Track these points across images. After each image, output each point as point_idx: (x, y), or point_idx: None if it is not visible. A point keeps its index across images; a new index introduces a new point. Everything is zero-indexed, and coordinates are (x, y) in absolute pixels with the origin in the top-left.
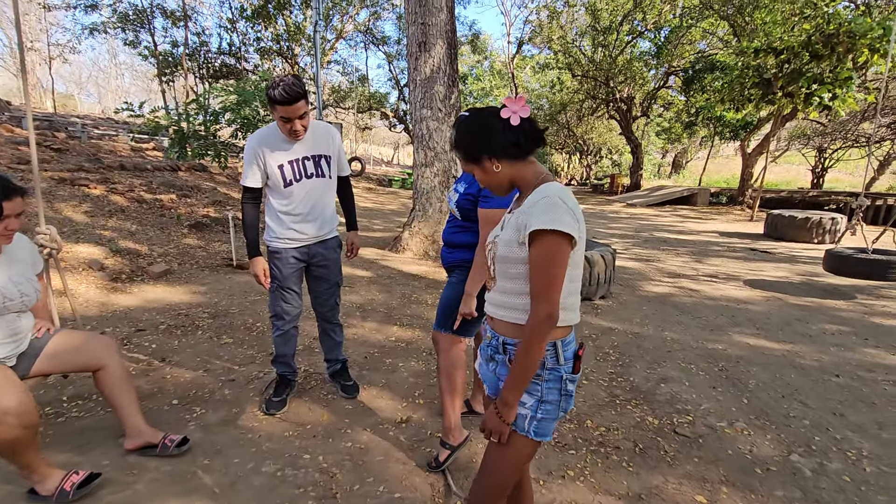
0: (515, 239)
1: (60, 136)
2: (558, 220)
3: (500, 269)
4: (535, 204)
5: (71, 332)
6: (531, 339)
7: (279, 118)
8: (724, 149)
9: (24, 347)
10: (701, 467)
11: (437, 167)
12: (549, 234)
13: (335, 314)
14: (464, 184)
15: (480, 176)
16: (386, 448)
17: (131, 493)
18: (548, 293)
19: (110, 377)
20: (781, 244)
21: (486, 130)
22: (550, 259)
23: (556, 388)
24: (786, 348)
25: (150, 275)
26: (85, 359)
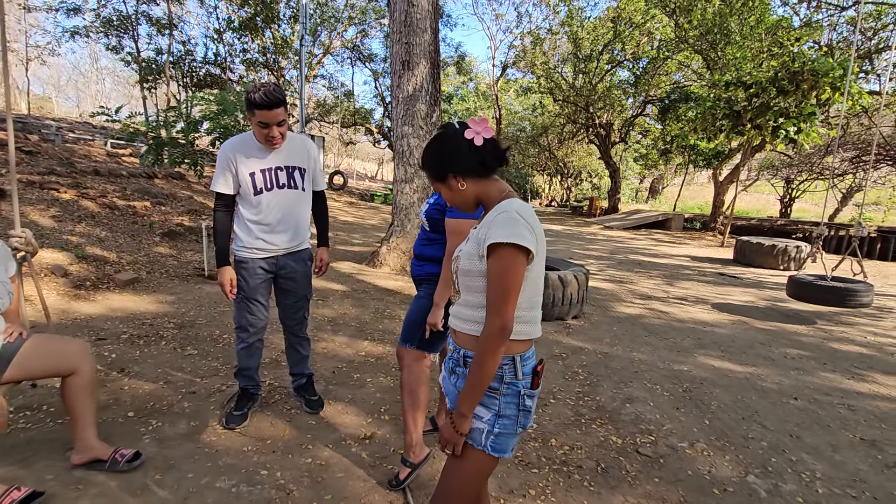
0: (476, 252)
1: (33, 138)
2: (516, 234)
3: (462, 282)
4: (495, 219)
5: (44, 336)
6: (484, 350)
7: (257, 123)
8: (699, 176)
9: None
10: (661, 487)
11: (416, 183)
12: (506, 248)
13: (303, 328)
14: (434, 195)
15: (447, 194)
16: (347, 465)
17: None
18: (501, 305)
19: (80, 382)
20: (749, 270)
21: (453, 150)
22: (505, 271)
23: (513, 403)
24: (748, 371)
25: (117, 283)
26: (58, 363)
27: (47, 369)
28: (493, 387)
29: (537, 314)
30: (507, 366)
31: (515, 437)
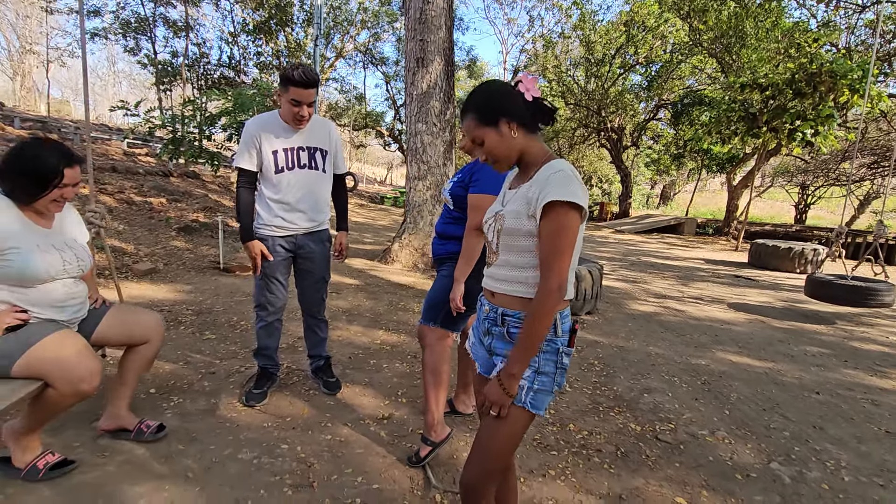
0: (525, 212)
1: (53, 136)
2: (574, 193)
3: (505, 243)
4: (550, 177)
5: (125, 305)
6: (541, 310)
7: (290, 100)
8: (711, 183)
9: (83, 314)
10: (682, 472)
11: (429, 181)
12: (564, 207)
13: (321, 309)
14: (459, 173)
15: (494, 141)
16: (366, 442)
17: (101, 474)
18: (558, 264)
19: (147, 352)
20: (765, 273)
21: (508, 94)
22: (563, 230)
23: (552, 361)
24: (767, 366)
25: (135, 272)
26: (140, 331)
27: (128, 337)
28: None
29: (573, 276)
30: None
31: (551, 394)
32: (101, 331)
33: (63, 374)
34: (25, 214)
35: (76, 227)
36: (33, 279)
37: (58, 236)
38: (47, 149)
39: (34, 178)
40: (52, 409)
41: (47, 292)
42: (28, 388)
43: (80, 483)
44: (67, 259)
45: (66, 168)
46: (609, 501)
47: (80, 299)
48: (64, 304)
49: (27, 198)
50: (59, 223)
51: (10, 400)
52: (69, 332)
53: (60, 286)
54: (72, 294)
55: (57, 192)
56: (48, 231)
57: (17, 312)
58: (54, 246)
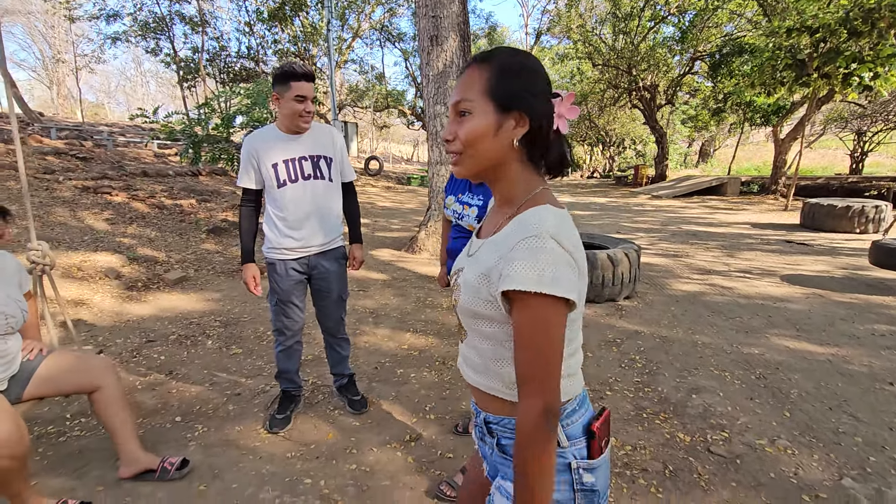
0: (483, 289)
1: (87, 144)
2: (551, 279)
3: (466, 322)
4: (518, 245)
5: (64, 352)
6: (528, 451)
7: (293, 97)
8: (755, 135)
9: (14, 370)
10: (740, 493)
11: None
12: (538, 299)
13: (341, 329)
14: (478, 196)
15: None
16: (392, 471)
17: None
18: (542, 379)
19: (105, 399)
20: (820, 235)
21: (546, 92)
22: (543, 332)
23: (564, 482)
24: (830, 352)
25: (166, 282)
26: (79, 380)
27: (68, 386)
28: None
29: (577, 360)
30: None
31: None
32: (36, 384)
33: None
34: None
35: (10, 279)
36: None
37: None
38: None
39: None
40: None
41: None
42: None
43: None
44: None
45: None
46: None
47: (10, 357)
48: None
49: None
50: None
51: None
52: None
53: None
54: (1, 353)
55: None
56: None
57: None
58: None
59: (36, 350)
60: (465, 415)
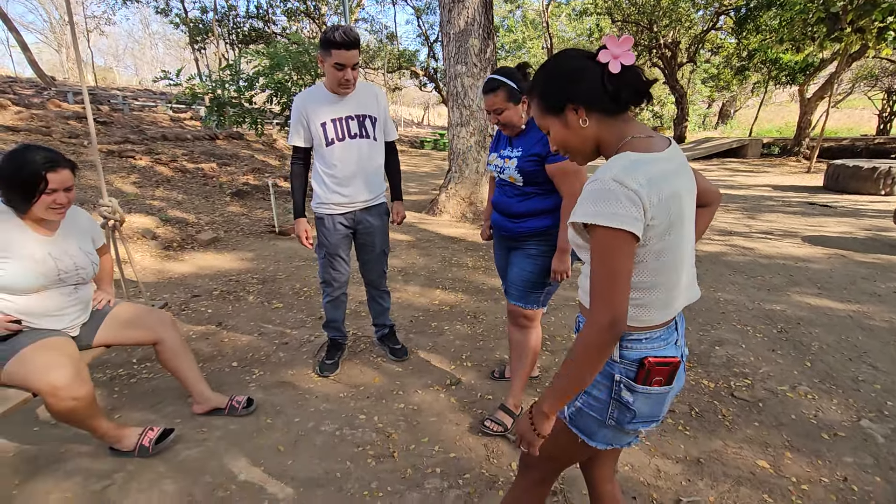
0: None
1: (104, 109)
2: (604, 213)
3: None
4: (586, 188)
5: (130, 305)
6: (584, 347)
7: (332, 65)
8: (778, 95)
9: (85, 318)
10: (762, 431)
11: (472, 126)
12: (600, 229)
13: (383, 281)
14: (517, 148)
15: (560, 132)
16: (438, 409)
17: (204, 449)
18: (607, 294)
19: (167, 351)
20: (844, 197)
21: (579, 73)
22: (606, 256)
23: (604, 386)
24: (852, 308)
25: (200, 243)
26: (141, 333)
27: (131, 338)
28: None
29: (660, 297)
30: None
31: (605, 428)
32: (103, 333)
33: (35, 382)
34: (25, 223)
35: (83, 232)
36: (23, 289)
37: (59, 244)
38: (31, 155)
39: (20, 185)
40: (65, 418)
41: (41, 301)
42: (18, 398)
43: (187, 459)
44: (64, 268)
45: (50, 173)
46: (687, 466)
47: (80, 306)
48: (61, 313)
49: (22, 206)
50: (65, 230)
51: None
52: (56, 340)
53: (57, 295)
54: (68, 302)
55: (48, 199)
56: (48, 239)
57: (9, 322)
58: (51, 255)
59: (104, 301)
60: (500, 363)
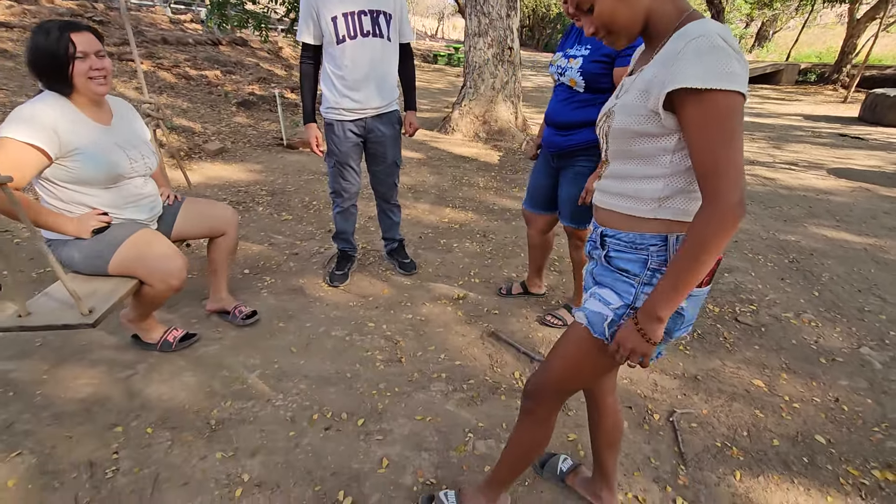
0: (642, 105)
1: (99, 6)
2: (726, 73)
3: (616, 148)
4: (684, 49)
5: (198, 199)
6: (707, 232)
7: None
8: (823, 16)
9: (159, 211)
10: (761, 354)
11: (491, 37)
12: (712, 93)
13: (393, 194)
14: (586, 46)
15: (609, 4)
16: (445, 321)
17: (220, 348)
18: (733, 168)
19: (225, 244)
20: (879, 129)
21: None
22: (725, 123)
23: None
24: (868, 242)
25: (207, 153)
26: (213, 225)
27: (204, 231)
28: (631, 271)
29: None
30: (656, 247)
31: None
32: (178, 226)
33: (152, 272)
34: (81, 110)
35: (136, 123)
36: (104, 179)
37: (119, 134)
38: (50, 24)
39: (49, 56)
40: (151, 302)
41: (120, 192)
42: (127, 286)
43: (205, 355)
44: (132, 157)
45: (73, 33)
46: (684, 382)
47: (153, 197)
48: (138, 203)
49: (62, 83)
50: (119, 121)
51: (113, 299)
52: (150, 231)
53: (131, 185)
54: (143, 193)
55: (83, 65)
56: (108, 128)
57: (99, 215)
58: (117, 144)
59: (172, 196)
60: (507, 280)
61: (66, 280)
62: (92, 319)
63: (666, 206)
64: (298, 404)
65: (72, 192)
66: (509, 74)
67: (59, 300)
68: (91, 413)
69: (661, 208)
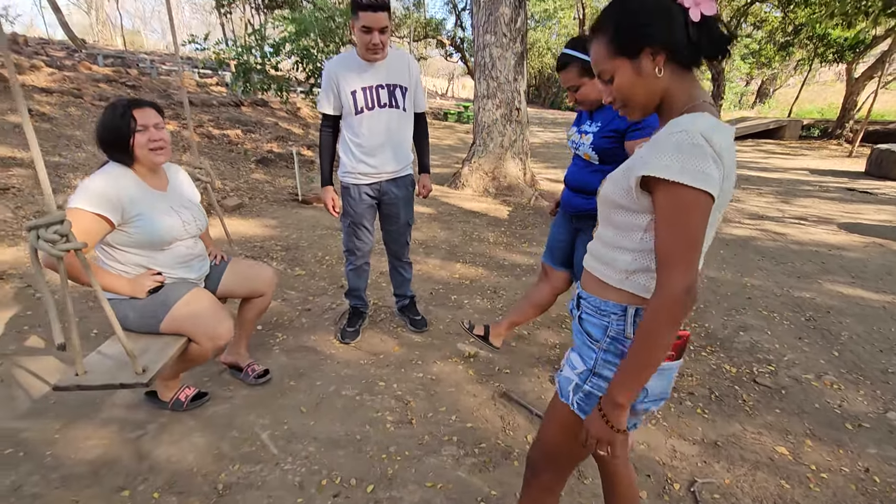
0: (625, 180)
1: (133, 72)
2: (694, 170)
3: (601, 213)
4: (664, 140)
5: (243, 260)
6: (655, 319)
7: (360, 28)
8: (822, 74)
9: (207, 270)
10: (783, 419)
11: (499, 98)
12: (679, 187)
13: (405, 252)
14: (596, 123)
15: (628, 79)
16: (456, 380)
17: (230, 407)
18: (685, 258)
19: (258, 305)
20: (886, 184)
21: (664, 11)
22: (685, 216)
23: (613, 365)
24: (886, 300)
25: (226, 208)
26: (256, 285)
27: (246, 291)
28: (593, 336)
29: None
30: (616, 315)
31: None
32: (224, 285)
33: (203, 330)
34: (141, 178)
35: (188, 187)
36: (160, 242)
37: (174, 198)
38: (116, 102)
39: (113, 130)
40: (194, 360)
41: (173, 253)
42: (177, 343)
43: (215, 414)
44: (186, 220)
45: (135, 110)
46: (704, 448)
47: (203, 257)
48: (189, 263)
49: (124, 154)
50: (173, 185)
51: (165, 357)
52: (202, 290)
53: (183, 246)
54: (193, 253)
55: (142, 137)
56: (164, 194)
57: (154, 275)
58: (172, 208)
59: (219, 255)
60: (515, 336)
61: (124, 339)
62: (146, 378)
63: (631, 280)
64: (307, 468)
65: (129, 255)
66: (517, 133)
67: (114, 358)
68: (99, 476)
69: (626, 280)
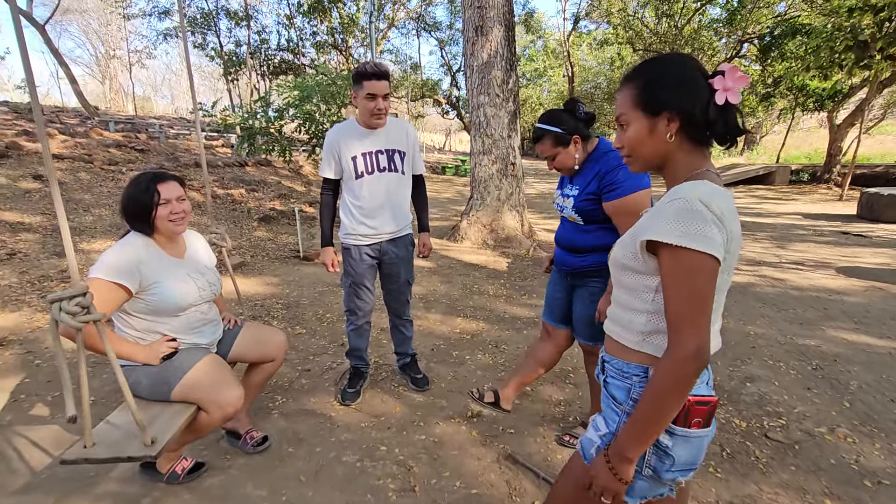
0: (632, 243)
1: (142, 137)
2: (695, 234)
3: (613, 276)
4: (664, 207)
5: (255, 325)
6: (663, 383)
7: (365, 96)
8: (805, 121)
9: (220, 335)
10: (799, 476)
11: (494, 154)
12: (684, 251)
13: (406, 310)
14: (575, 186)
15: (639, 134)
16: (460, 442)
17: (227, 478)
18: (693, 320)
19: (268, 369)
20: (879, 226)
21: (692, 82)
22: (691, 279)
23: None
24: (892, 346)
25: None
26: (267, 350)
27: (257, 356)
28: (617, 398)
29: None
30: (639, 377)
31: (641, 479)
32: (236, 350)
33: (213, 398)
34: (160, 247)
35: (204, 252)
36: (176, 309)
37: (191, 265)
38: (141, 176)
39: (137, 203)
40: (201, 429)
41: (188, 319)
42: (186, 412)
43: (212, 486)
44: (201, 286)
45: (160, 185)
46: None
47: (216, 322)
48: (202, 329)
49: (146, 225)
50: (190, 251)
51: (174, 428)
52: (215, 357)
53: (198, 311)
54: (207, 318)
55: (164, 210)
56: (182, 261)
57: (169, 341)
58: (189, 275)
59: (232, 320)
60: (522, 395)
61: (135, 410)
62: (154, 451)
63: (648, 341)
64: None
65: (145, 321)
66: (513, 186)
67: (122, 428)
68: None
69: (644, 342)
